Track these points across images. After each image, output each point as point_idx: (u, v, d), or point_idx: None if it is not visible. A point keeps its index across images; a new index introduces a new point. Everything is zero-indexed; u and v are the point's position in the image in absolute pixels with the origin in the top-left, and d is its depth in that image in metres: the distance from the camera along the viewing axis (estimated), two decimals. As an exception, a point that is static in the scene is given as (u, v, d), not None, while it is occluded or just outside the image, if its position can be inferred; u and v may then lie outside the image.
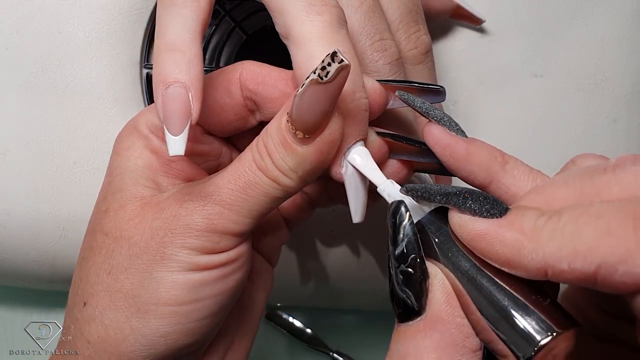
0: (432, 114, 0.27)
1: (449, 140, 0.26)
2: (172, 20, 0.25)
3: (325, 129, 0.25)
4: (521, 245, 0.20)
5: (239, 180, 0.26)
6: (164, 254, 0.26)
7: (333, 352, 0.51)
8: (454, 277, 0.23)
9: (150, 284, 0.27)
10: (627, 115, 0.42)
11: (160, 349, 0.27)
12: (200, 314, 0.27)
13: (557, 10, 0.42)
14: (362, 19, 0.29)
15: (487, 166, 0.25)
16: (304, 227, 0.37)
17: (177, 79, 0.24)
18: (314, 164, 0.26)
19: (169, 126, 0.24)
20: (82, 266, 0.29)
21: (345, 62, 0.22)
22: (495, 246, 0.21)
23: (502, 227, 0.21)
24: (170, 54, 0.25)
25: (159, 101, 0.25)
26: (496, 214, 0.21)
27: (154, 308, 0.27)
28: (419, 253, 0.23)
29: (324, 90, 0.23)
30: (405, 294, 0.23)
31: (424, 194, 0.23)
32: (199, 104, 0.25)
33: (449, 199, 0.23)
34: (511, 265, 0.21)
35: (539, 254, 0.20)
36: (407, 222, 0.24)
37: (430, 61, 0.33)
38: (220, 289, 0.28)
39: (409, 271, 0.23)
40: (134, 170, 0.29)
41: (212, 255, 0.27)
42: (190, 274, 0.27)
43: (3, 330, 0.50)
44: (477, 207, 0.22)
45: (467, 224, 0.22)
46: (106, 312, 0.27)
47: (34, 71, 0.38)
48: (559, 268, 0.19)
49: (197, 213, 0.26)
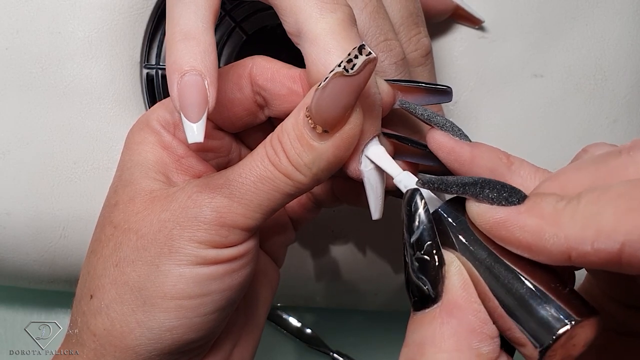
0: (434, 120, 0.27)
1: (452, 145, 0.26)
2: (185, 9, 0.25)
3: (347, 123, 0.25)
4: (542, 230, 0.20)
5: (250, 174, 0.26)
6: (172, 246, 0.26)
7: (333, 352, 0.51)
8: (471, 265, 0.23)
9: (157, 277, 0.26)
10: (627, 115, 0.42)
11: (166, 342, 0.27)
12: (207, 309, 0.27)
13: (557, 11, 0.42)
14: (367, 19, 0.29)
15: (493, 168, 0.25)
16: (304, 227, 0.37)
17: (193, 66, 0.24)
18: (330, 160, 0.25)
19: (187, 113, 0.24)
20: (90, 259, 0.29)
21: (372, 55, 0.22)
22: (516, 233, 0.21)
23: (521, 213, 0.21)
24: (185, 43, 0.25)
25: (174, 90, 0.24)
26: (514, 201, 0.21)
27: (160, 301, 0.26)
28: (435, 240, 0.23)
29: (350, 84, 0.23)
30: (422, 281, 0.23)
31: (441, 185, 0.23)
32: (215, 92, 0.25)
33: (466, 189, 0.22)
34: (533, 251, 0.20)
35: (560, 238, 0.19)
36: (422, 209, 0.23)
37: (430, 63, 0.33)
38: (228, 284, 0.27)
39: (425, 258, 0.23)
40: (144, 164, 0.29)
41: (220, 250, 0.27)
42: (198, 267, 0.26)
43: (3, 330, 0.50)
44: (495, 195, 0.22)
45: (485, 213, 0.22)
46: (112, 304, 0.27)
47: (34, 71, 0.38)
48: (582, 250, 0.19)
49: (206, 205, 0.26)
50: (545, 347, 0.21)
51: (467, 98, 0.41)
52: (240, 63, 0.29)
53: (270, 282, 0.34)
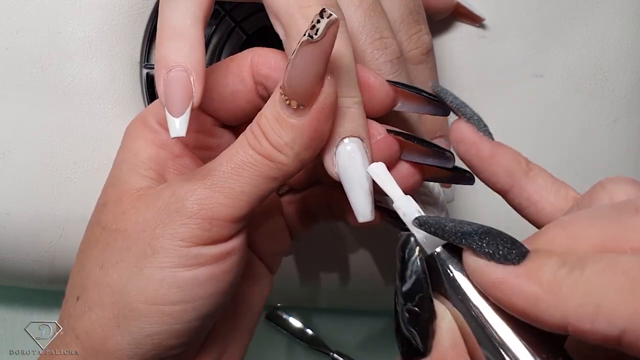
0: (462, 111, 0.26)
1: (475, 139, 0.26)
2: (174, 7, 0.25)
3: (320, 94, 0.24)
4: (540, 299, 0.19)
5: (230, 161, 0.25)
6: (154, 247, 0.26)
7: (333, 352, 0.51)
8: (463, 319, 0.22)
9: (138, 280, 0.26)
10: (627, 115, 0.42)
11: (147, 348, 0.26)
12: (189, 316, 0.26)
13: (557, 11, 0.42)
14: (362, 17, 0.29)
15: (511, 170, 0.25)
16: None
17: (179, 62, 0.25)
18: (311, 135, 0.25)
19: (170, 107, 0.24)
20: (79, 259, 0.29)
21: (333, 17, 0.22)
22: (512, 297, 0.19)
23: (519, 277, 0.19)
24: (172, 39, 0.25)
25: (160, 85, 0.25)
26: (514, 259, 0.20)
27: (142, 306, 0.26)
28: (427, 292, 0.22)
29: (315, 49, 0.23)
30: (411, 334, 0.22)
31: (437, 230, 0.22)
32: (200, 87, 0.25)
33: (464, 239, 0.21)
34: (528, 318, 0.19)
35: (558, 310, 0.18)
36: (417, 257, 0.22)
37: (431, 61, 0.33)
38: (212, 291, 0.26)
39: (416, 310, 0.22)
40: (133, 160, 0.28)
41: (203, 247, 0.26)
42: (181, 271, 0.25)
43: (3, 330, 0.50)
44: (493, 250, 0.20)
45: (482, 270, 0.20)
46: (94, 307, 0.26)
47: (34, 71, 0.38)
48: (581, 327, 0.18)
49: (188, 199, 0.25)
50: None
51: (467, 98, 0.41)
52: (240, 55, 0.29)
53: (262, 289, 0.33)
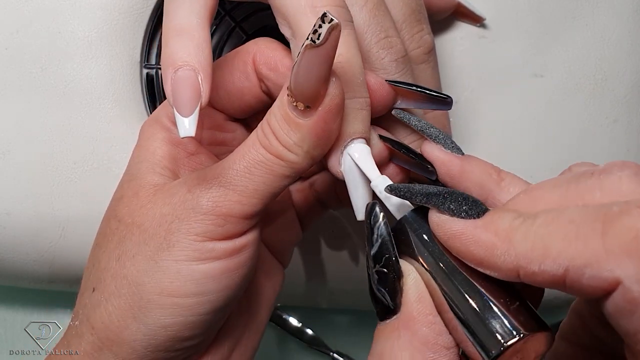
0: (427, 132, 0.28)
1: (444, 158, 0.27)
2: (180, 5, 0.26)
3: (326, 96, 0.25)
4: (494, 246, 0.20)
5: (243, 160, 0.26)
6: (170, 240, 0.26)
7: (333, 352, 0.51)
8: (429, 276, 0.23)
9: (155, 272, 0.27)
10: (627, 115, 0.42)
11: (161, 339, 0.27)
12: (203, 309, 0.27)
13: (557, 11, 0.42)
14: (367, 17, 0.29)
15: (482, 183, 0.25)
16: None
17: (186, 61, 0.25)
18: (319, 134, 0.25)
19: (179, 107, 0.25)
20: (95, 252, 0.29)
21: (335, 22, 0.22)
22: (470, 246, 0.21)
23: (477, 227, 0.21)
24: (179, 38, 0.25)
25: (168, 85, 0.25)
26: (474, 214, 0.22)
27: (157, 298, 0.27)
28: (393, 252, 0.24)
29: (318, 54, 0.23)
30: (381, 294, 0.24)
31: (406, 194, 0.24)
32: (208, 86, 0.25)
33: (429, 198, 0.23)
34: (484, 266, 0.21)
35: (511, 255, 0.20)
36: (382, 222, 0.24)
37: (433, 60, 0.33)
38: (225, 284, 0.27)
39: (384, 271, 0.24)
40: (151, 159, 0.29)
41: (217, 242, 0.27)
42: (196, 264, 0.26)
43: (3, 330, 0.50)
44: (456, 207, 0.22)
45: (444, 224, 0.22)
46: (111, 298, 0.27)
47: (34, 71, 0.38)
48: (529, 269, 0.20)
49: (203, 196, 0.26)
50: (493, 359, 0.21)
51: (467, 98, 0.41)
52: (244, 49, 0.29)
53: (274, 284, 0.34)
